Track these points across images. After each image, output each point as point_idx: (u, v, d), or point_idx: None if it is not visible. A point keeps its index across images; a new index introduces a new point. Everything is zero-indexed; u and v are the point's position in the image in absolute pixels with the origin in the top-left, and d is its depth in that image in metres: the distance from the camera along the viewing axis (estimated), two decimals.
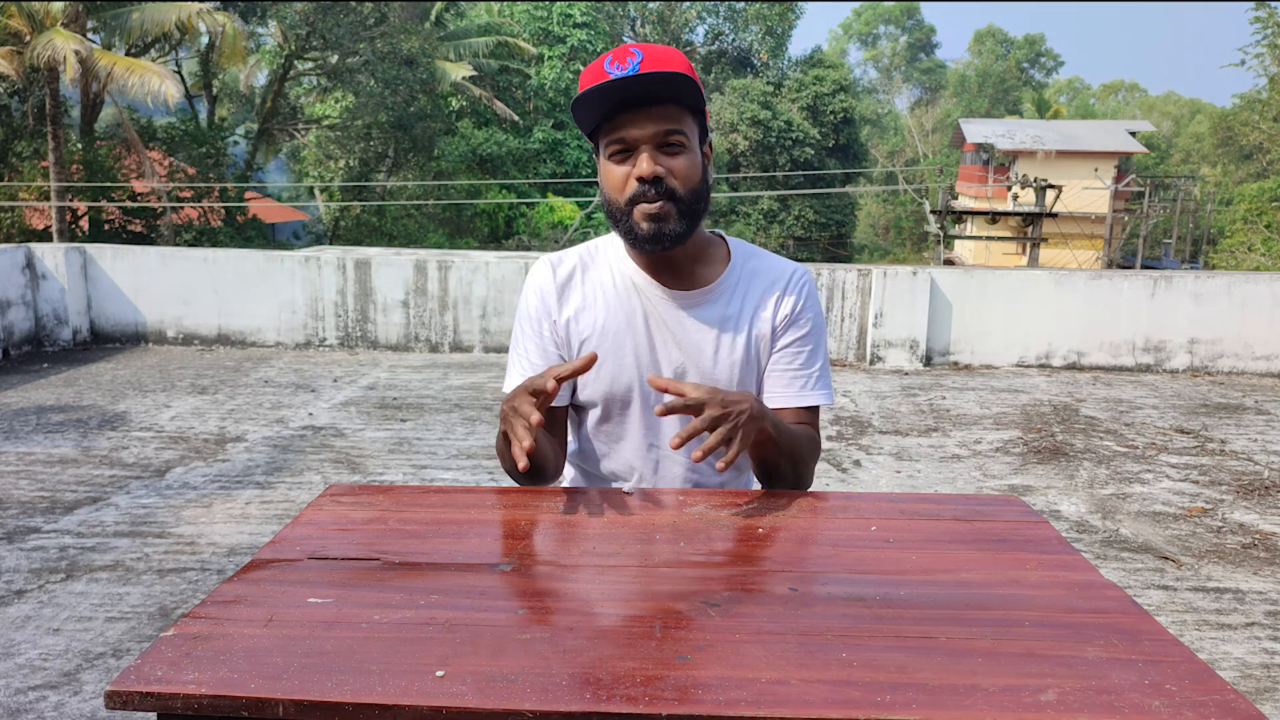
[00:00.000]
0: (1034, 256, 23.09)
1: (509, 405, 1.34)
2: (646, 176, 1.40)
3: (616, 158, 1.43)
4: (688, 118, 1.43)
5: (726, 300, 1.54)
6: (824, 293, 8.03)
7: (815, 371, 1.56)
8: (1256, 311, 7.83)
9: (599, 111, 1.41)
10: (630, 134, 1.41)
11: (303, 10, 19.95)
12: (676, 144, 1.42)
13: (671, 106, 1.41)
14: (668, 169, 1.41)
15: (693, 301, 1.53)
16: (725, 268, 1.56)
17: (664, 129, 1.40)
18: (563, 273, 1.57)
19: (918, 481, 4.84)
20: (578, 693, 0.83)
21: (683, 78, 1.38)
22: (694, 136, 1.45)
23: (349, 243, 22.25)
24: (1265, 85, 22.64)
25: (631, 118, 1.40)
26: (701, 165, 1.47)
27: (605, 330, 1.53)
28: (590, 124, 1.44)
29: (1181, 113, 59.73)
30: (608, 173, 1.45)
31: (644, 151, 1.41)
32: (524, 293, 1.59)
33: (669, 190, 1.42)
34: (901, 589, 1.06)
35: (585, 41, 29.58)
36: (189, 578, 3.42)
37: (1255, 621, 3.25)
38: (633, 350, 1.53)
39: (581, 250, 1.60)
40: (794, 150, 32.35)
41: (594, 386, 1.55)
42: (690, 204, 1.44)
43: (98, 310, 8.08)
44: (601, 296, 1.55)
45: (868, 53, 62.21)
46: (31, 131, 16.44)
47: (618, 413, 1.56)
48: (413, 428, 5.65)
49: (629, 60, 1.38)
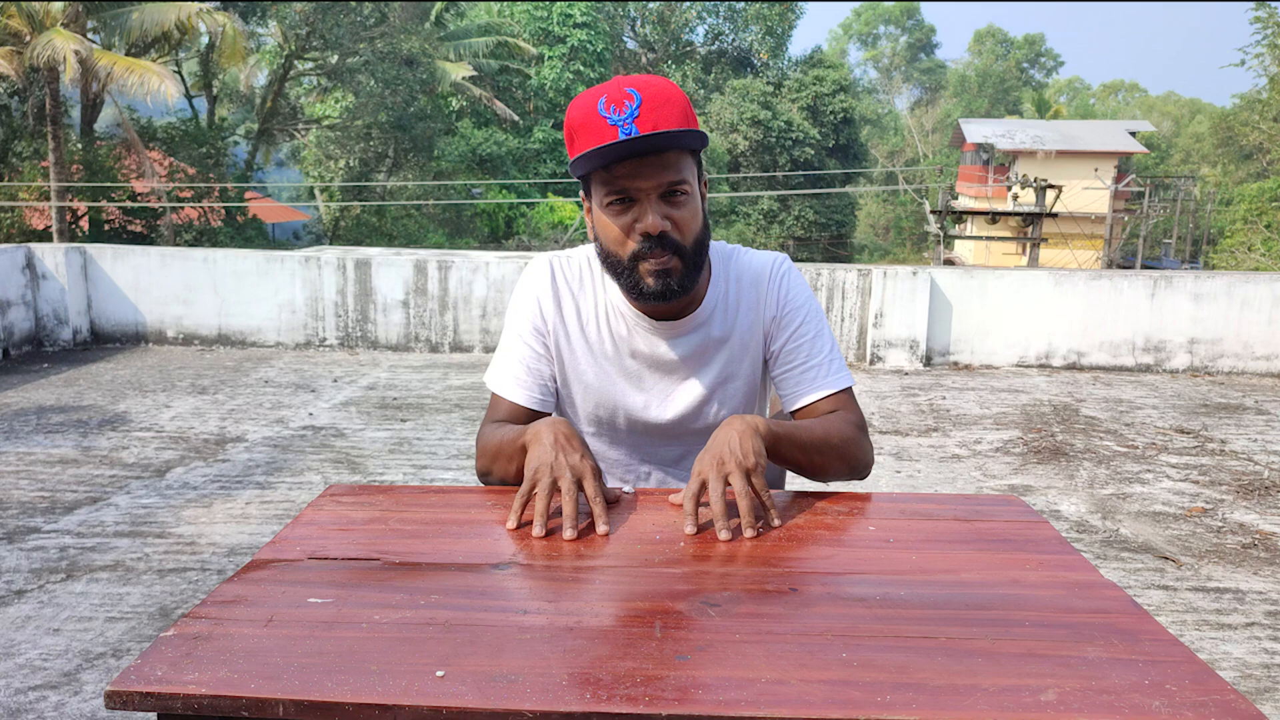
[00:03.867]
0: (1034, 256, 23.09)
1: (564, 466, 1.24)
2: (653, 233, 1.33)
3: (615, 208, 1.35)
4: (688, 161, 1.36)
5: (712, 322, 1.50)
6: (824, 293, 8.03)
7: (823, 358, 1.50)
8: (1256, 311, 7.83)
9: (595, 163, 1.33)
10: (634, 185, 1.32)
11: (303, 10, 19.96)
12: (681, 193, 1.35)
13: (673, 153, 1.33)
14: (673, 222, 1.34)
15: (679, 330, 1.48)
16: (707, 285, 1.50)
17: (667, 180, 1.33)
18: (563, 280, 1.52)
19: (918, 481, 4.84)
20: (578, 693, 0.83)
21: (695, 133, 1.31)
22: (695, 179, 1.38)
23: (349, 243, 22.25)
24: (1265, 85, 22.65)
25: (634, 167, 1.32)
26: (702, 208, 1.41)
27: (593, 349, 1.50)
28: (582, 170, 1.36)
29: (1181, 113, 59.72)
30: (605, 225, 1.37)
31: (647, 205, 1.33)
32: (521, 291, 1.54)
33: (675, 245, 1.35)
34: (901, 589, 1.06)
35: (585, 41, 29.58)
36: (189, 578, 3.42)
37: (1255, 621, 3.25)
38: (621, 376, 1.50)
39: (581, 261, 1.54)
40: (794, 150, 32.35)
41: (583, 408, 1.53)
42: (695, 255, 1.38)
43: (98, 310, 8.08)
44: (593, 317, 1.51)
45: (868, 53, 62.21)
46: (31, 131, 16.44)
47: (605, 432, 1.55)
48: (413, 428, 5.65)
49: (626, 106, 1.29)
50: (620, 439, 1.55)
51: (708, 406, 1.52)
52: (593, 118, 1.31)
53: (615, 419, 1.53)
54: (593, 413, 1.53)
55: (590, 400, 1.52)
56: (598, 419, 1.54)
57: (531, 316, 1.51)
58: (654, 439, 1.54)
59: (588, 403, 1.52)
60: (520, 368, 1.50)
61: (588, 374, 1.51)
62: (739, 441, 1.26)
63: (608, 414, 1.52)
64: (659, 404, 1.51)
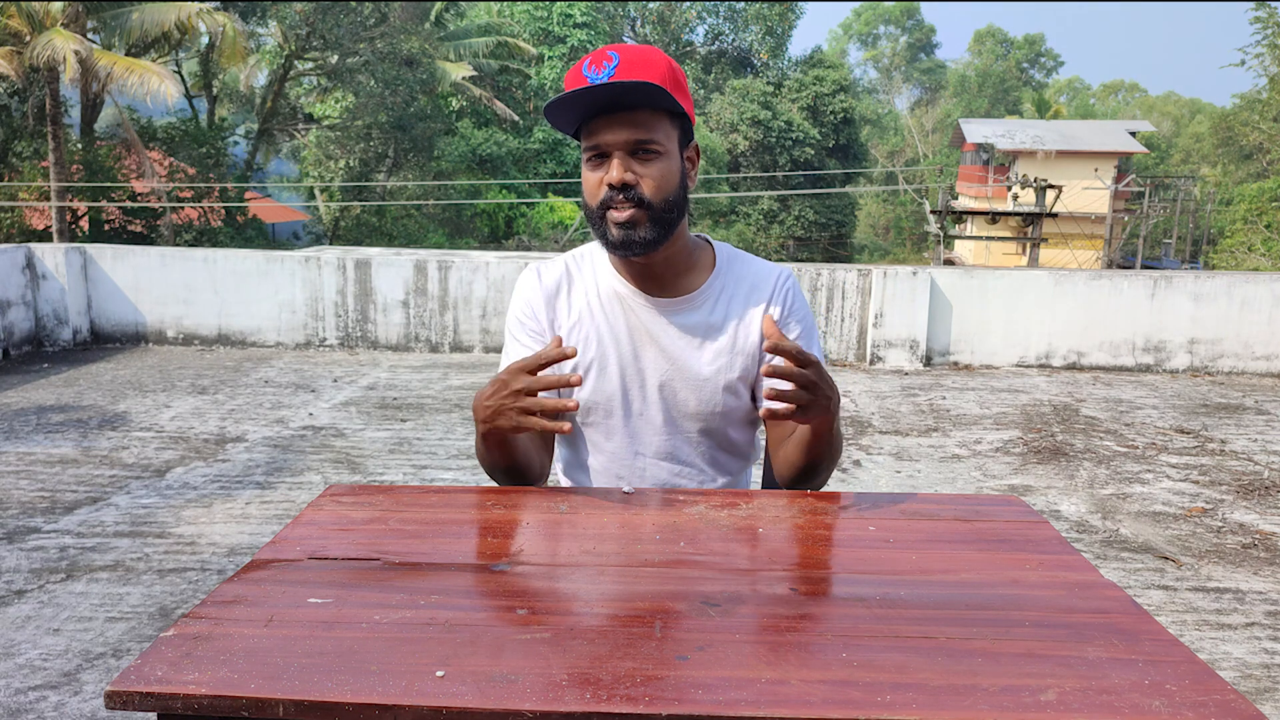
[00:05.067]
0: (1034, 256, 23.09)
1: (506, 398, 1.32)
2: (615, 184, 1.41)
3: (592, 162, 1.44)
4: (664, 123, 1.43)
5: (710, 307, 1.55)
6: (824, 293, 8.03)
7: None
8: (1256, 311, 7.83)
9: (575, 115, 1.42)
10: (604, 140, 1.41)
11: (303, 10, 19.96)
12: (651, 152, 1.41)
13: (645, 113, 1.40)
14: (639, 176, 1.41)
15: (676, 309, 1.54)
16: (709, 274, 1.56)
17: (635, 137, 1.40)
18: (549, 282, 1.58)
19: (918, 481, 4.84)
20: (578, 693, 0.83)
21: (654, 87, 1.37)
22: (671, 142, 1.44)
23: (349, 243, 22.26)
24: (1265, 85, 22.65)
25: (606, 123, 1.40)
26: (680, 172, 1.46)
27: (589, 341, 1.55)
28: (570, 126, 1.45)
29: (1181, 113, 59.73)
30: (585, 177, 1.47)
31: (615, 158, 1.41)
32: (513, 302, 1.60)
33: (639, 197, 1.42)
34: (901, 589, 1.06)
35: (585, 41, 29.58)
36: (189, 578, 3.42)
37: (1255, 621, 3.25)
38: (617, 361, 1.54)
39: (568, 259, 1.61)
40: (794, 150, 32.36)
41: (579, 395, 1.56)
42: (662, 212, 1.44)
43: (98, 310, 8.08)
44: (586, 308, 1.56)
45: (868, 53, 62.22)
46: (31, 131, 16.44)
47: (601, 421, 1.57)
48: (413, 428, 5.65)
49: (604, 65, 1.38)
50: (615, 430, 1.57)
51: (701, 398, 1.54)
52: (576, 75, 1.41)
53: (610, 409, 1.56)
54: (590, 400, 1.56)
55: (586, 390, 1.55)
56: (594, 406, 1.57)
57: (523, 318, 1.58)
58: (647, 430, 1.56)
59: (584, 392, 1.56)
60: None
61: (583, 364, 1.55)
62: (834, 401, 1.37)
63: (603, 403, 1.55)
64: (653, 392, 1.54)
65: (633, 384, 1.54)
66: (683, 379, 1.53)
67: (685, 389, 1.54)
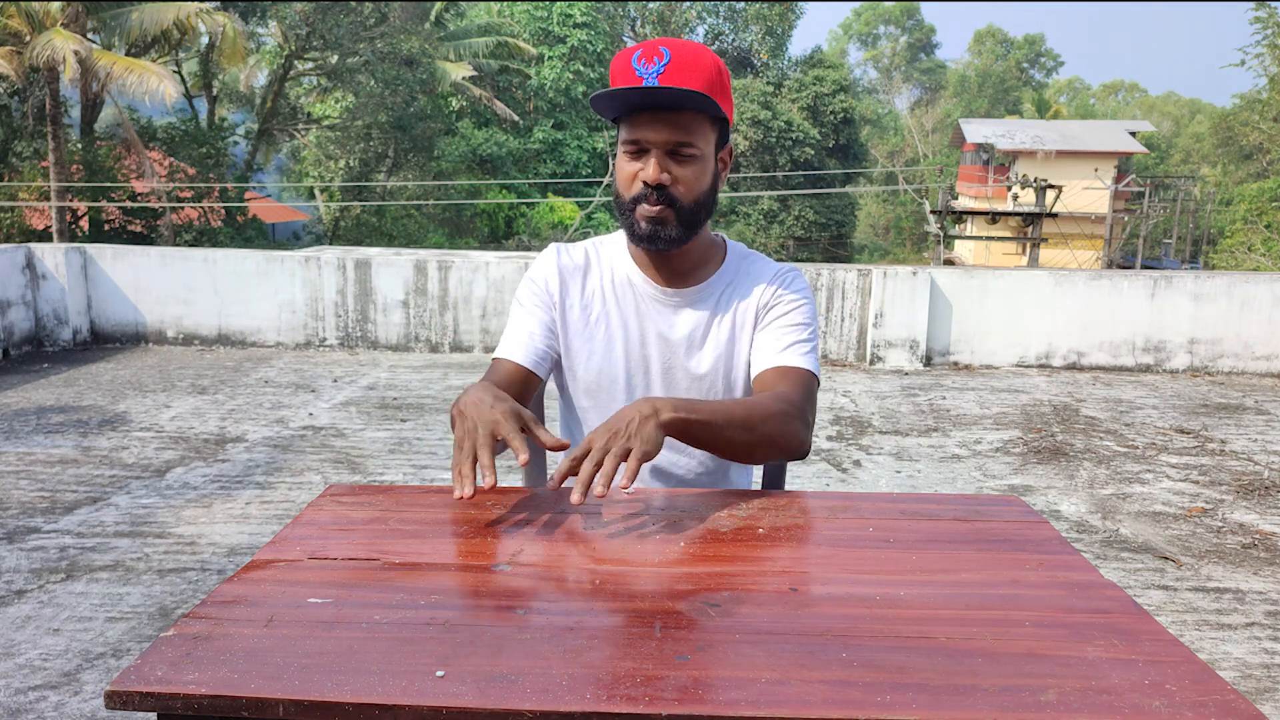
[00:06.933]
0: (1034, 256, 23.10)
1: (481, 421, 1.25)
2: (651, 182, 1.43)
3: (628, 154, 1.46)
4: (704, 127, 1.44)
5: (715, 299, 1.58)
6: (824, 293, 8.03)
7: (796, 340, 1.53)
8: (1256, 311, 7.83)
9: (618, 106, 1.44)
10: (645, 136, 1.42)
11: (303, 10, 19.96)
12: (688, 154, 1.43)
13: (688, 114, 1.42)
14: (674, 177, 1.43)
15: (683, 300, 1.57)
16: (718, 269, 1.59)
17: (676, 139, 1.42)
18: (568, 262, 1.61)
19: (918, 481, 4.84)
20: (578, 693, 0.83)
21: (702, 96, 1.38)
22: (708, 144, 1.46)
23: (349, 243, 22.25)
24: (1265, 85, 22.66)
25: (649, 120, 1.42)
26: (713, 173, 1.49)
27: (598, 323, 1.58)
28: (612, 114, 1.47)
29: (1181, 113, 59.74)
30: (619, 167, 1.48)
31: (653, 156, 1.42)
32: (529, 272, 1.63)
33: (671, 198, 1.44)
34: (901, 589, 1.06)
35: (585, 41, 29.57)
36: (189, 578, 3.42)
37: (1255, 621, 3.25)
38: (623, 343, 1.58)
39: (589, 246, 1.64)
40: (794, 150, 32.36)
41: (584, 378, 1.59)
42: (691, 213, 1.47)
43: (98, 310, 8.08)
44: (599, 293, 1.59)
45: (868, 53, 62.21)
46: (31, 131, 16.44)
47: (604, 403, 1.60)
48: (413, 428, 5.65)
49: (655, 61, 1.39)
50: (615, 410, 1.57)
51: (700, 389, 1.57)
52: (625, 66, 1.42)
53: (613, 391, 1.58)
54: (594, 382, 1.59)
55: (592, 370, 1.58)
56: (596, 390, 1.59)
57: (537, 291, 1.60)
58: None
59: (589, 372, 1.59)
60: (521, 333, 1.58)
61: (589, 344, 1.58)
62: (637, 425, 1.25)
63: (607, 384, 1.58)
64: (656, 378, 1.57)
65: (636, 369, 1.58)
66: (683, 368, 1.57)
67: (686, 378, 1.57)
